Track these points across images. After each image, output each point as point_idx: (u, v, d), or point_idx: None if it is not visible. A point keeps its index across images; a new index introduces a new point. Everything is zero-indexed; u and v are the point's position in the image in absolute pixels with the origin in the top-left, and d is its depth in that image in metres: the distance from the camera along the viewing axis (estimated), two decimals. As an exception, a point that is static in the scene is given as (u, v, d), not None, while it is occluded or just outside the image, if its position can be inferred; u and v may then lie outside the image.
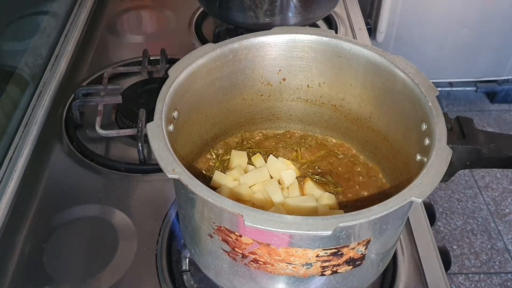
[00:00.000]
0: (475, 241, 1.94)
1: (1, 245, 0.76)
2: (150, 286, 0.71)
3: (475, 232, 1.98)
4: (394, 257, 0.74)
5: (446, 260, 0.76)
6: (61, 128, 0.96)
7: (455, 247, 1.92)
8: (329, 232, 0.46)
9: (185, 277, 0.72)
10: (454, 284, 1.81)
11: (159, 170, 0.51)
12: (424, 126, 0.59)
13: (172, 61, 1.07)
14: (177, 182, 0.53)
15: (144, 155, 0.87)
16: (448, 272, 0.75)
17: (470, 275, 1.83)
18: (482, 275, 1.83)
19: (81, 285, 0.72)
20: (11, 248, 0.76)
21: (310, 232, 0.46)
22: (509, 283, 1.82)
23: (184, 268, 0.72)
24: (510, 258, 1.89)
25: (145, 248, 0.76)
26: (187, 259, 0.72)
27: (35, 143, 0.93)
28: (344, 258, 0.53)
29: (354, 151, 0.77)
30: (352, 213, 0.48)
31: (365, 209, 0.48)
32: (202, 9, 1.28)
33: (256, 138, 0.79)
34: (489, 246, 1.93)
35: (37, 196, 0.84)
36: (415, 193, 0.49)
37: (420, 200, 0.49)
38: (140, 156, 0.87)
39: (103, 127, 0.92)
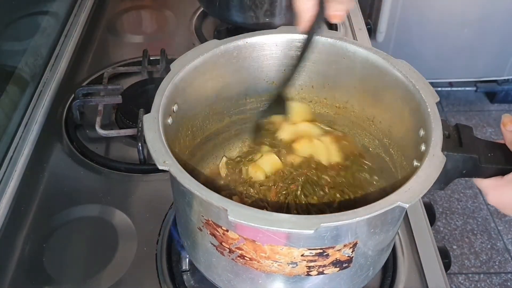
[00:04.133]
0: (475, 241, 1.94)
1: (1, 245, 0.76)
2: (150, 286, 0.71)
3: (475, 232, 1.98)
4: (394, 257, 0.74)
5: (446, 260, 0.76)
6: (61, 128, 0.96)
7: (455, 247, 1.92)
8: (311, 232, 0.46)
9: (185, 277, 0.72)
10: (454, 284, 1.81)
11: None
12: (421, 132, 0.59)
13: (172, 61, 1.07)
14: (170, 175, 0.54)
15: (144, 155, 0.87)
16: (448, 272, 0.75)
17: (470, 275, 1.83)
18: (482, 275, 1.83)
19: (81, 285, 0.72)
20: (11, 248, 0.76)
21: (293, 230, 0.46)
22: (509, 283, 1.82)
23: (184, 268, 0.72)
24: (510, 258, 1.89)
25: (145, 248, 0.76)
26: (187, 259, 0.72)
27: (35, 143, 0.93)
28: (330, 259, 0.53)
29: (356, 154, 0.77)
30: (336, 213, 0.48)
31: (350, 211, 0.48)
32: (202, 9, 1.28)
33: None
34: (489, 246, 1.93)
35: (37, 196, 0.84)
36: (402, 198, 0.49)
37: (407, 205, 0.49)
38: (140, 156, 0.87)
39: (103, 127, 0.92)
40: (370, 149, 0.74)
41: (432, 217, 0.84)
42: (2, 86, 0.92)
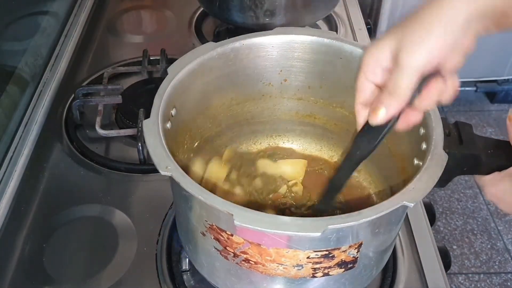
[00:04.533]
0: (475, 241, 1.94)
1: (1, 245, 0.76)
2: (150, 286, 0.71)
3: (475, 232, 1.98)
4: (394, 257, 0.74)
5: (446, 260, 0.76)
6: (61, 128, 0.96)
7: (455, 247, 1.92)
8: (318, 234, 0.46)
9: (185, 277, 0.72)
10: (454, 284, 1.81)
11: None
12: (422, 131, 0.59)
13: (172, 61, 1.06)
14: (171, 179, 0.54)
15: (144, 155, 0.87)
16: (448, 272, 0.75)
17: (470, 275, 1.84)
18: (482, 275, 1.83)
19: (81, 285, 0.72)
20: (11, 248, 0.76)
21: (299, 233, 0.46)
22: (509, 283, 1.82)
23: (184, 268, 0.72)
24: (510, 258, 1.89)
25: (145, 248, 0.76)
26: (187, 259, 0.72)
27: (35, 143, 0.92)
28: (336, 260, 0.53)
29: None
30: (342, 215, 0.48)
31: (355, 212, 0.48)
32: (202, 9, 1.28)
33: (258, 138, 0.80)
34: (489, 246, 1.93)
35: (37, 196, 0.84)
36: (407, 198, 0.49)
37: (412, 204, 0.49)
38: (140, 156, 0.87)
39: (103, 127, 0.92)
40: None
41: (432, 217, 0.84)
42: (2, 86, 0.92)
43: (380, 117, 0.49)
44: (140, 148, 0.86)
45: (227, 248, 0.54)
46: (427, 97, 0.48)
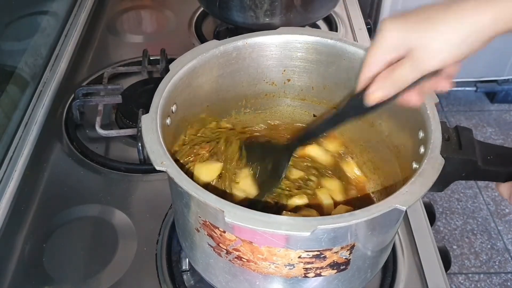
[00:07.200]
0: (475, 241, 1.94)
1: (1, 245, 0.76)
2: (150, 286, 0.71)
3: (475, 232, 1.98)
4: (394, 257, 0.74)
5: (446, 260, 0.76)
6: (61, 128, 0.96)
7: (455, 247, 1.92)
8: (308, 234, 0.46)
9: (185, 277, 0.72)
10: (454, 284, 1.81)
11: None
12: (421, 134, 0.59)
13: (172, 61, 1.07)
14: (168, 176, 0.54)
15: (144, 155, 0.87)
16: (448, 272, 0.75)
17: (470, 275, 1.84)
18: (482, 275, 1.84)
19: (81, 285, 0.72)
20: (11, 248, 0.76)
21: (289, 232, 0.46)
22: (509, 283, 1.82)
23: (184, 268, 0.72)
24: (510, 258, 1.89)
25: (145, 248, 0.76)
26: (187, 259, 0.72)
27: (35, 143, 0.93)
28: (328, 261, 0.53)
29: (354, 156, 0.77)
30: (333, 216, 0.48)
31: (347, 213, 0.48)
32: (202, 9, 1.28)
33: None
34: (489, 246, 1.93)
35: (37, 196, 0.84)
36: (399, 201, 0.49)
37: (405, 208, 0.49)
38: (140, 156, 0.87)
39: (103, 127, 0.92)
40: (370, 151, 0.74)
41: (432, 217, 0.84)
42: (2, 86, 0.92)
43: (375, 100, 0.53)
44: (140, 148, 0.86)
45: (220, 245, 0.55)
46: (424, 87, 0.52)
